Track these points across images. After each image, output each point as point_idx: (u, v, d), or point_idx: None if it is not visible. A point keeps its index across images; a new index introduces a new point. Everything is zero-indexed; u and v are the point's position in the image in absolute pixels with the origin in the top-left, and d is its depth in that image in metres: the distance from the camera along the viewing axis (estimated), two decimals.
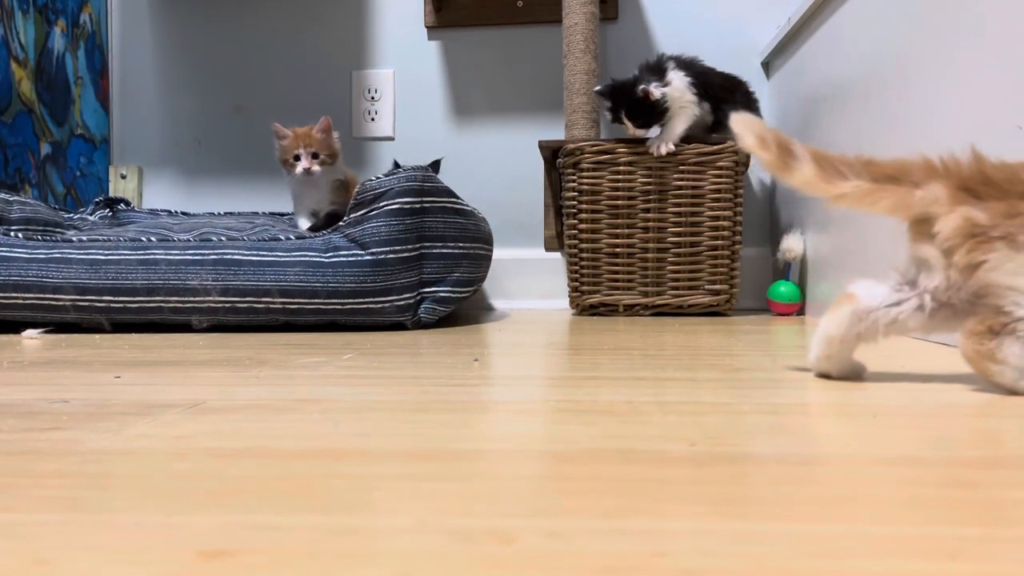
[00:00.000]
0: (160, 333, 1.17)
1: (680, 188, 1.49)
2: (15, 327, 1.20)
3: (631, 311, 1.53)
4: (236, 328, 1.21)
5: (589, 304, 1.54)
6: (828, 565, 0.28)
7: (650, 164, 1.48)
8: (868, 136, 1.19)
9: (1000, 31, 0.86)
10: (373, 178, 1.24)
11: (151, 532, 0.31)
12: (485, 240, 1.38)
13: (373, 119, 1.88)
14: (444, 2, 1.83)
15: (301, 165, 1.41)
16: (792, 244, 1.50)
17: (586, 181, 1.51)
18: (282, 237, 1.24)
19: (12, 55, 1.61)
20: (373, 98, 1.88)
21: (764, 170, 0.70)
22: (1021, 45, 0.82)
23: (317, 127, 1.43)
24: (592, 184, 1.51)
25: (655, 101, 1.38)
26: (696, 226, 1.50)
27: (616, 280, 1.53)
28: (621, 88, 1.41)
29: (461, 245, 1.28)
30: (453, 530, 0.31)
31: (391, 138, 1.88)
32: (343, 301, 1.18)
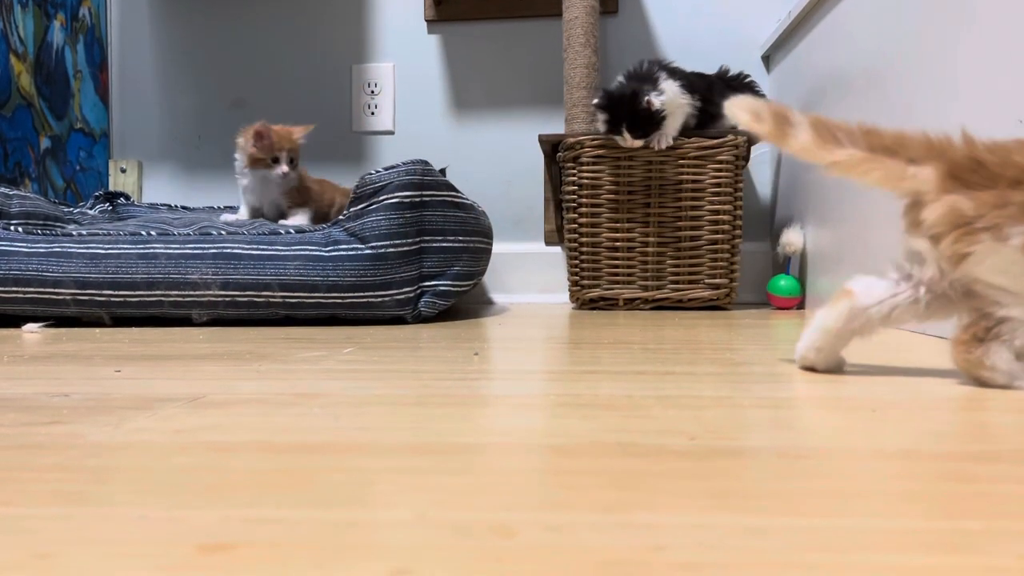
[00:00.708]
0: (160, 327, 1.17)
1: (680, 182, 1.49)
2: (15, 321, 1.20)
3: (631, 305, 1.53)
4: (236, 322, 1.21)
5: (589, 298, 1.54)
6: (828, 559, 0.28)
7: (650, 158, 1.47)
8: None
9: (1000, 24, 0.85)
10: (373, 172, 1.24)
11: (151, 526, 0.31)
12: (485, 234, 1.38)
13: (373, 113, 1.87)
14: None
15: (281, 169, 1.43)
16: (792, 238, 1.50)
17: (586, 175, 1.51)
18: (282, 231, 1.24)
19: (11, 49, 1.60)
20: (373, 92, 1.87)
21: (764, 140, 0.69)
22: (1021, 38, 0.82)
23: (301, 133, 1.43)
24: (592, 178, 1.51)
25: (655, 111, 1.38)
26: (696, 220, 1.50)
27: (616, 274, 1.53)
28: (620, 100, 1.40)
29: (461, 239, 1.28)
30: (453, 524, 0.31)
31: (391, 132, 1.88)
32: (343, 295, 1.18)
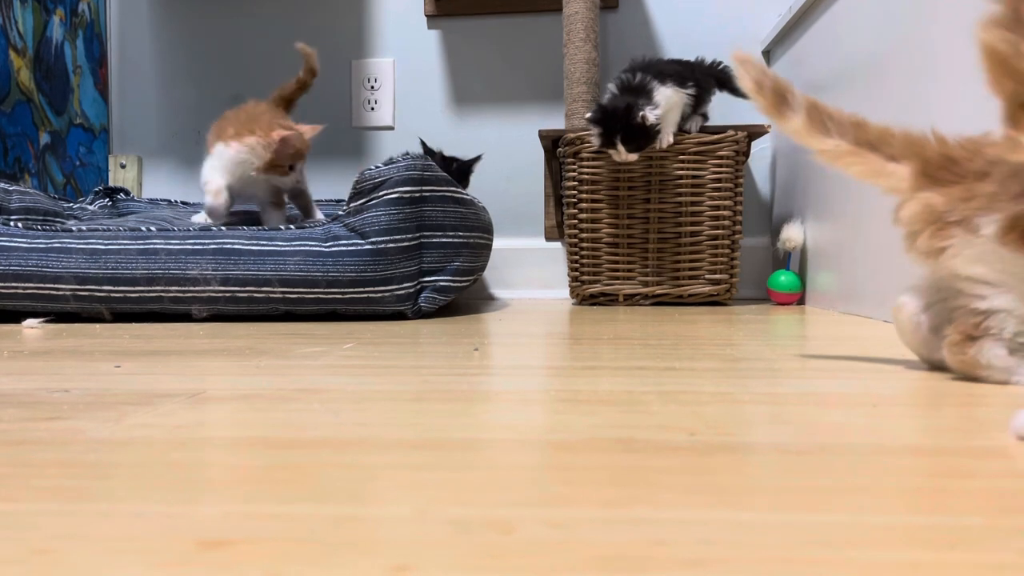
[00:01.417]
0: (160, 323, 1.17)
1: (680, 178, 1.49)
2: (15, 317, 1.20)
3: (631, 301, 1.53)
4: (236, 317, 1.21)
5: (589, 294, 1.54)
6: (828, 555, 0.28)
7: (650, 154, 1.47)
8: None
9: None
10: (372, 167, 1.24)
11: (151, 522, 0.31)
12: (485, 229, 1.37)
13: (373, 108, 1.87)
14: None
15: (295, 176, 1.40)
16: (792, 234, 1.50)
17: (586, 170, 1.51)
18: (281, 227, 1.24)
19: (11, 44, 1.60)
20: (373, 87, 1.87)
21: (760, 111, 0.69)
22: None
23: (311, 134, 1.38)
24: (592, 173, 1.51)
25: (650, 125, 1.37)
26: (696, 216, 1.50)
27: (616, 270, 1.53)
28: (613, 114, 1.38)
29: (461, 234, 1.28)
30: (453, 519, 0.31)
31: (391, 127, 1.88)
32: (343, 290, 1.18)
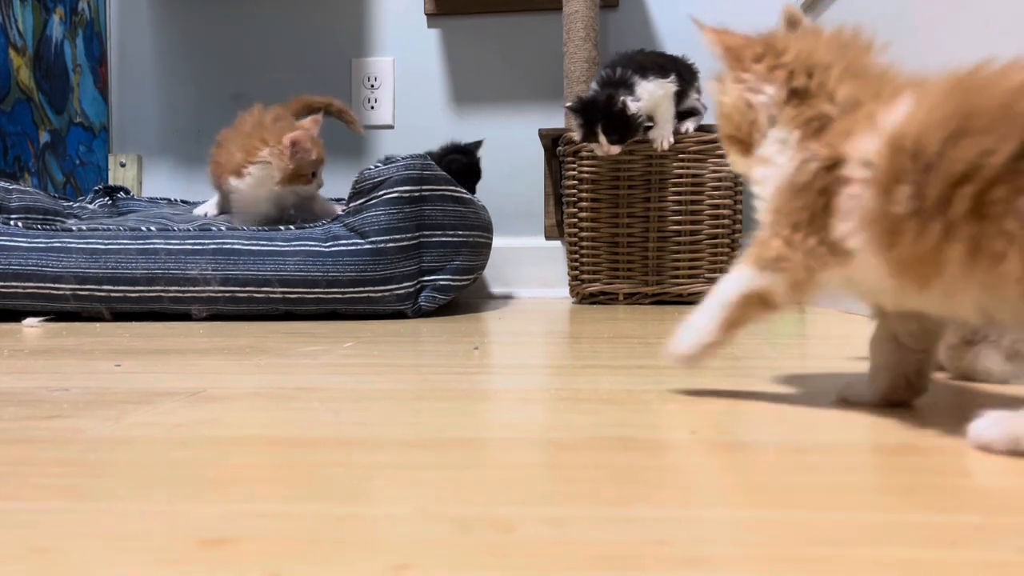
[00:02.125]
0: (161, 322, 1.17)
1: (680, 176, 1.49)
2: (15, 316, 1.20)
3: (631, 300, 1.53)
4: (236, 317, 1.21)
5: (589, 292, 1.54)
6: (828, 552, 0.28)
7: (650, 153, 1.47)
8: None
9: (1002, 16, 0.85)
10: (372, 166, 1.24)
11: (151, 520, 0.31)
12: (485, 228, 1.37)
13: (373, 107, 1.87)
14: None
15: (316, 183, 1.36)
16: None
17: (586, 169, 1.51)
18: (281, 227, 1.24)
19: (10, 43, 1.60)
20: (373, 86, 1.87)
21: None
22: (1022, 30, 0.81)
23: (316, 128, 1.34)
24: (592, 172, 1.51)
25: (631, 115, 1.34)
26: (696, 214, 1.50)
27: (616, 268, 1.53)
28: (592, 103, 1.36)
29: (461, 233, 1.28)
30: (453, 518, 0.31)
31: (391, 126, 1.88)
32: (343, 290, 1.18)
